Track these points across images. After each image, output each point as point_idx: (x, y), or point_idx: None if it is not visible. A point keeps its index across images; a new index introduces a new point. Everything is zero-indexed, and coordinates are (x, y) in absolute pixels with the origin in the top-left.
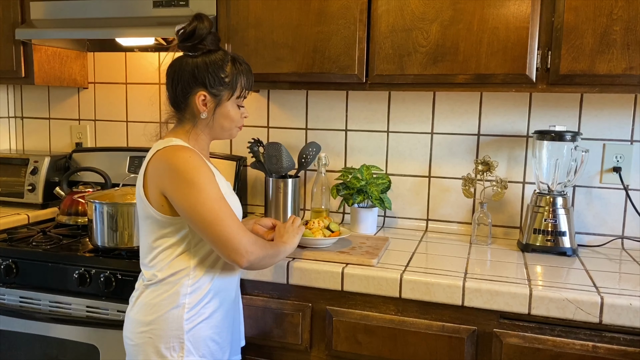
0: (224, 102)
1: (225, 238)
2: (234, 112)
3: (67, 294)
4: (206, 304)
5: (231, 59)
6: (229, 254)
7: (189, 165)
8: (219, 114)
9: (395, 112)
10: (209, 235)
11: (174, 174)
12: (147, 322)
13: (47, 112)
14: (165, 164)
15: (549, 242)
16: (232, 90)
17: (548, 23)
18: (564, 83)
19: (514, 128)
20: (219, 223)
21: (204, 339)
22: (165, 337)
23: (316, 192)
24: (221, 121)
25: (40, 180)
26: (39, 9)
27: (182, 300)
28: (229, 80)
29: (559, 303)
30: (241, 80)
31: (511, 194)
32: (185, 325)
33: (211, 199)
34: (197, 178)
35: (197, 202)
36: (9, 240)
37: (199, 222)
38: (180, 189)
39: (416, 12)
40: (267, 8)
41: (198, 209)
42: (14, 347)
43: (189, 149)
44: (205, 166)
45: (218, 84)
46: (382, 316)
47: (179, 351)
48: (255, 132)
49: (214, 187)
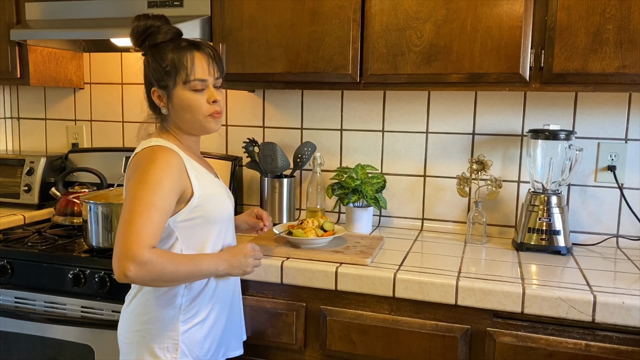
0: (174, 91)
1: (120, 240)
2: (188, 99)
3: (62, 294)
4: (202, 305)
5: (173, 45)
6: (114, 257)
7: (151, 165)
8: (174, 105)
9: (390, 111)
10: (117, 232)
11: (137, 169)
12: (142, 321)
13: (43, 113)
14: (136, 164)
15: (544, 241)
16: (176, 76)
17: (541, 22)
18: (557, 82)
19: (508, 127)
20: (129, 224)
21: (199, 341)
22: (160, 337)
23: (311, 192)
24: (181, 113)
25: (36, 181)
26: (34, 9)
27: (178, 302)
28: (169, 67)
29: (552, 302)
30: (184, 62)
31: (506, 193)
32: (180, 327)
33: (143, 200)
34: (147, 177)
35: (130, 196)
36: (5, 241)
37: (121, 215)
38: (131, 182)
39: (410, 11)
40: (261, 8)
41: (126, 203)
42: (9, 348)
43: (165, 150)
44: (167, 172)
45: (161, 74)
46: (376, 315)
47: (173, 352)
48: (250, 132)
49: (155, 194)
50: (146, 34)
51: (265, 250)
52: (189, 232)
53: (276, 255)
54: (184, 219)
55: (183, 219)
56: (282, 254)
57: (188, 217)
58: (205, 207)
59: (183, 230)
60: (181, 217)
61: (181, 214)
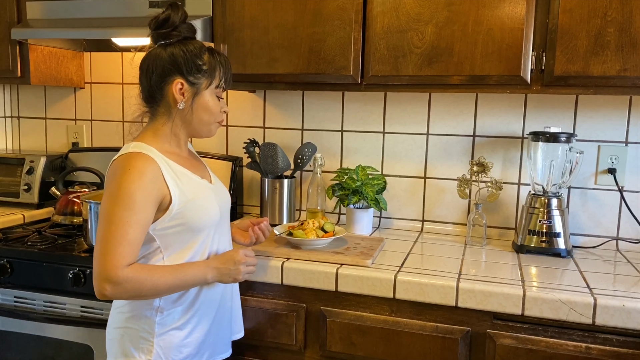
0: (202, 91)
1: (96, 260)
2: (213, 103)
3: (62, 293)
4: (182, 310)
5: (208, 49)
6: (93, 276)
7: (124, 176)
8: (197, 104)
9: (391, 113)
10: (94, 251)
11: (111, 181)
12: (123, 319)
13: (43, 112)
14: (112, 174)
15: (544, 243)
16: (211, 79)
17: (543, 25)
18: (558, 84)
19: (509, 129)
20: (103, 243)
21: (176, 345)
22: (136, 337)
23: (312, 193)
24: (200, 113)
25: (36, 180)
26: (35, 8)
27: (156, 303)
28: (207, 68)
29: (552, 304)
30: (219, 70)
31: (506, 195)
32: (156, 329)
33: (116, 217)
34: (120, 191)
35: (104, 211)
36: (4, 240)
37: (97, 232)
38: (106, 195)
39: (411, 13)
40: (263, 9)
41: (100, 218)
42: (8, 348)
43: (140, 157)
44: (140, 183)
45: (196, 71)
46: (376, 317)
47: (147, 354)
48: (251, 132)
49: (127, 209)
50: (176, 25)
51: (265, 251)
52: (170, 240)
53: (277, 256)
54: (163, 227)
55: (162, 227)
56: (283, 255)
57: (168, 225)
58: (186, 214)
59: (163, 239)
60: (160, 225)
61: (160, 222)
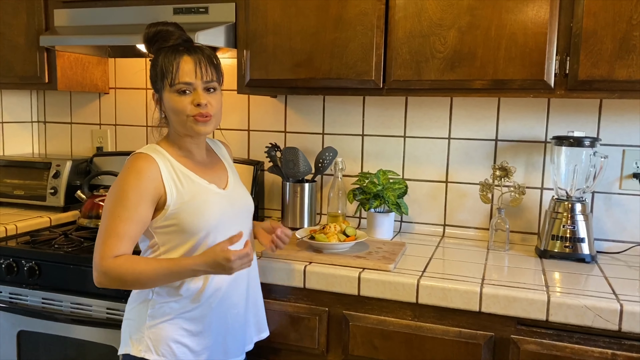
0: (164, 93)
1: (94, 250)
2: (174, 102)
3: (88, 295)
4: (175, 304)
5: (167, 50)
6: (93, 266)
7: (123, 175)
8: (165, 108)
9: (412, 117)
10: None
11: (116, 179)
12: (128, 310)
13: (69, 117)
14: (120, 173)
15: (567, 249)
16: (163, 80)
17: (566, 28)
18: (582, 89)
19: (531, 133)
20: (98, 236)
21: (165, 339)
22: (134, 328)
23: (332, 197)
24: (170, 115)
25: (62, 184)
26: (62, 16)
27: (149, 297)
28: (159, 72)
29: (577, 310)
30: (170, 66)
31: (529, 200)
32: (147, 321)
33: (109, 212)
34: (116, 188)
35: (104, 208)
36: (32, 243)
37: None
38: (108, 192)
39: (434, 18)
40: (286, 15)
41: (102, 215)
42: (35, 348)
43: (140, 158)
44: (135, 182)
45: (154, 78)
46: (398, 321)
47: (140, 345)
48: (272, 136)
49: (119, 205)
50: (156, 39)
51: (287, 254)
52: (165, 238)
53: (299, 259)
54: (159, 226)
55: (159, 226)
56: (305, 259)
57: (163, 223)
58: (180, 216)
59: (161, 236)
60: (157, 224)
61: (157, 220)
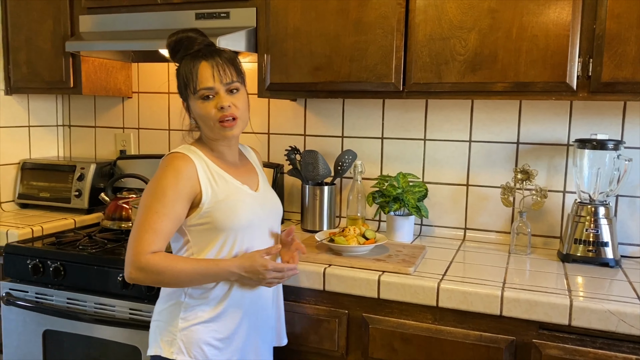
0: (191, 102)
1: (128, 245)
2: (199, 108)
3: (112, 296)
4: (206, 307)
5: (186, 59)
6: (125, 261)
7: (161, 173)
8: (194, 115)
9: (432, 120)
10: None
11: (152, 177)
12: (157, 312)
13: (93, 121)
14: (156, 172)
15: (591, 253)
16: (186, 87)
17: (589, 30)
18: (606, 91)
19: (553, 136)
20: (134, 231)
21: (197, 341)
22: (164, 330)
23: (352, 200)
24: (199, 121)
25: (86, 186)
26: (87, 22)
27: (182, 299)
28: (182, 82)
29: (601, 315)
30: (190, 74)
31: (551, 203)
32: (180, 323)
33: (147, 208)
34: (154, 185)
35: (140, 203)
36: (58, 244)
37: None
38: (145, 189)
39: (454, 21)
40: (306, 19)
41: (138, 209)
42: (60, 347)
43: (178, 157)
44: (172, 180)
45: (179, 86)
46: (418, 324)
47: (171, 346)
48: (292, 140)
49: (157, 201)
50: (178, 48)
51: (306, 257)
52: (199, 236)
53: (318, 262)
54: (193, 224)
55: (192, 224)
56: (324, 261)
57: (197, 222)
58: (214, 214)
59: (194, 234)
60: (191, 222)
61: (191, 219)
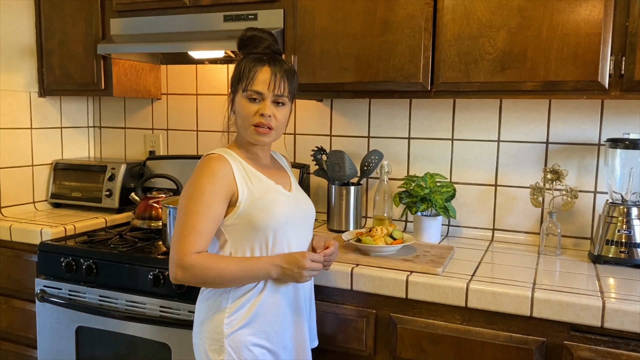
0: (237, 96)
1: (172, 247)
2: (242, 106)
3: (142, 294)
4: (249, 309)
5: (254, 57)
6: (169, 262)
7: (198, 174)
8: (235, 110)
9: (460, 119)
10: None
11: (190, 179)
12: (199, 322)
13: (122, 122)
14: (193, 174)
15: (623, 254)
16: (239, 81)
17: (622, 28)
18: (639, 90)
19: (584, 136)
20: (177, 232)
21: (245, 344)
22: (210, 340)
23: (378, 200)
24: (237, 119)
25: (117, 186)
26: (118, 25)
27: (224, 305)
28: (237, 75)
29: (634, 317)
30: (248, 72)
31: (581, 204)
32: (225, 329)
33: (187, 210)
34: (193, 187)
35: (180, 205)
36: (90, 243)
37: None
38: (183, 191)
39: (482, 20)
40: (333, 20)
41: (178, 211)
42: (92, 343)
43: (215, 158)
44: (211, 180)
45: (233, 80)
46: (447, 325)
47: (220, 354)
48: (318, 140)
49: (197, 202)
50: (247, 43)
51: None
52: (236, 236)
53: (345, 261)
54: (231, 223)
55: (230, 223)
56: (352, 261)
57: (235, 221)
58: (251, 213)
59: (231, 234)
60: (229, 222)
61: (229, 218)
